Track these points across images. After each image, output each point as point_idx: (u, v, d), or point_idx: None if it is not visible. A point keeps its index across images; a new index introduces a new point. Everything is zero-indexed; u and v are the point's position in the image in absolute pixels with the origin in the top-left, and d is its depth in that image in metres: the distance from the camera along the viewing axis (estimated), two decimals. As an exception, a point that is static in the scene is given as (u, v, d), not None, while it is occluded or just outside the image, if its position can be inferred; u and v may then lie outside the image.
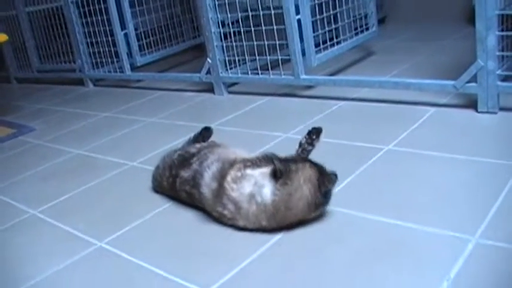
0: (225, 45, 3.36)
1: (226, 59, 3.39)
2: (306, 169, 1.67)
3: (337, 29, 3.35)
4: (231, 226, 1.75)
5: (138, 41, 4.16)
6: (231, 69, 3.40)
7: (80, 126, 3.39)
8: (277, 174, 1.65)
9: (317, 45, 3.05)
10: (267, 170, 1.69)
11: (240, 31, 3.28)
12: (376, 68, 3.41)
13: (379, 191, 1.85)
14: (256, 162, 1.73)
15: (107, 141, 2.95)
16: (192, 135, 2.29)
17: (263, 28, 3.11)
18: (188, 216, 1.90)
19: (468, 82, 2.37)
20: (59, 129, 3.39)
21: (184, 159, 1.95)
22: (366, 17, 3.60)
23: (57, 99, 4.35)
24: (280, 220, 1.66)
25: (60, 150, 2.94)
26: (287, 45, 3.01)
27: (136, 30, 4.14)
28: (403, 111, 2.56)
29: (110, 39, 4.19)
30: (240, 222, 1.71)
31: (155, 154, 2.48)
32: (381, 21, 4.49)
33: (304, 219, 1.68)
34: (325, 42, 3.15)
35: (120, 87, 4.33)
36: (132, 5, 4.10)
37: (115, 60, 4.27)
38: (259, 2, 3.17)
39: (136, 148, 2.73)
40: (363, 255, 1.49)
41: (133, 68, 4.27)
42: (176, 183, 1.93)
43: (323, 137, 1.89)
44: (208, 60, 3.42)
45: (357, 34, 3.48)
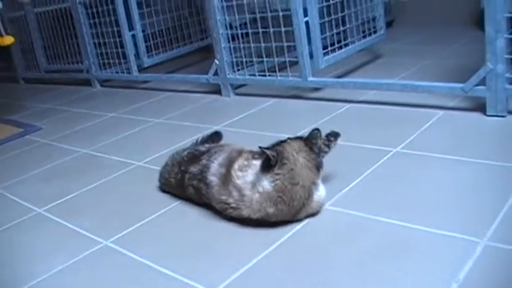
0: (232, 46, 3.36)
1: (234, 60, 3.38)
2: (291, 143, 1.74)
3: (345, 31, 3.35)
4: (237, 221, 1.75)
5: (145, 42, 4.16)
6: (238, 70, 3.40)
7: (86, 126, 3.39)
8: (271, 161, 1.68)
9: (325, 48, 3.05)
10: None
11: (248, 33, 3.28)
12: (384, 70, 3.40)
13: (387, 193, 1.84)
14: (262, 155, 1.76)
15: (114, 141, 2.95)
16: (200, 137, 2.29)
17: (271, 30, 3.10)
18: (194, 216, 1.90)
19: (477, 85, 2.36)
20: (65, 129, 3.39)
21: (194, 156, 1.97)
22: (374, 20, 3.59)
23: (64, 100, 4.36)
24: (290, 200, 1.66)
25: (67, 150, 2.94)
26: (295, 47, 3.01)
27: (143, 31, 4.14)
28: (411, 113, 2.55)
29: (118, 40, 4.20)
30: (244, 212, 1.71)
31: (162, 154, 2.47)
32: (388, 25, 4.48)
33: (312, 188, 1.68)
34: (333, 44, 3.15)
35: (127, 88, 4.33)
36: (139, 6, 4.10)
37: (122, 61, 4.27)
38: (268, 4, 3.17)
39: (142, 148, 2.72)
40: (370, 256, 1.48)
41: (140, 69, 4.28)
42: (185, 179, 1.93)
43: (340, 141, 1.90)
44: (216, 61, 3.41)
45: (364, 37, 3.47)
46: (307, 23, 2.94)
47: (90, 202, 2.20)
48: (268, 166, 1.70)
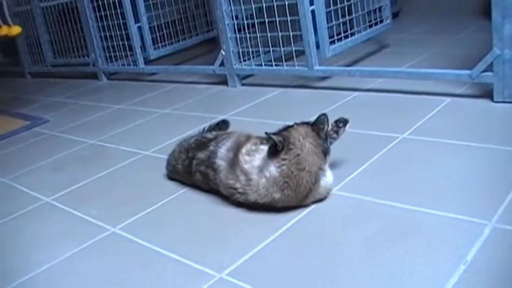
0: (238, 37, 3.35)
1: (240, 51, 3.38)
2: (297, 129, 1.74)
3: (351, 21, 3.34)
4: (244, 207, 1.75)
5: (151, 34, 4.16)
6: (244, 61, 3.40)
7: (93, 117, 3.40)
8: (278, 147, 1.68)
9: (331, 37, 3.04)
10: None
11: (254, 23, 3.27)
12: (391, 59, 3.39)
13: (395, 177, 1.83)
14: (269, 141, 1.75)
15: (121, 132, 2.96)
16: (207, 125, 2.29)
17: (277, 20, 3.10)
18: (202, 202, 1.90)
19: (484, 71, 2.35)
20: (72, 121, 3.40)
21: (201, 143, 1.97)
22: (380, 9, 3.58)
23: (71, 93, 4.37)
24: (296, 185, 1.65)
25: (74, 141, 2.95)
26: (301, 36, 3.00)
27: (149, 24, 4.14)
28: (418, 101, 2.54)
29: (124, 33, 4.20)
30: (251, 197, 1.70)
31: (169, 144, 2.48)
32: (395, 15, 4.46)
33: (319, 173, 1.69)
34: (339, 34, 3.14)
35: (134, 80, 4.33)
36: (145, -2, 4.11)
37: (129, 53, 4.28)
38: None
39: (149, 138, 2.73)
40: (378, 239, 1.48)
41: (146, 61, 4.28)
42: (192, 165, 1.94)
43: (348, 128, 1.89)
44: (222, 52, 3.41)
45: (371, 26, 3.46)
46: (313, 12, 2.93)
47: (98, 191, 2.21)
48: (274, 151, 1.69)
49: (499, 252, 1.34)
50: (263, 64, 3.29)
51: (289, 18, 3.04)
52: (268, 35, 3.19)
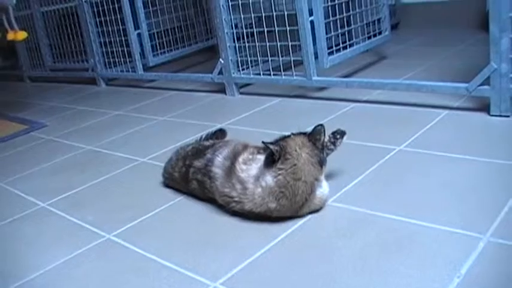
0: (237, 46, 3.36)
1: (239, 59, 3.39)
2: (294, 139, 1.74)
3: (350, 32, 3.35)
4: (239, 216, 1.76)
5: (151, 41, 4.17)
6: (243, 70, 3.41)
7: (91, 123, 3.41)
8: (275, 156, 1.68)
9: (330, 48, 3.05)
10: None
11: (253, 32, 3.29)
12: (389, 71, 3.40)
13: (390, 189, 1.84)
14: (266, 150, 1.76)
15: (118, 138, 2.96)
16: (204, 134, 2.29)
17: (276, 29, 3.11)
18: (197, 210, 1.91)
19: (481, 85, 2.36)
20: (70, 126, 3.40)
21: (198, 151, 1.97)
22: (379, 21, 3.60)
23: (70, 98, 4.37)
24: (292, 195, 1.66)
25: (71, 146, 2.95)
26: (299, 46, 3.01)
27: (149, 30, 4.15)
28: (415, 113, 2.55)
29: (123, 39, 4.21)
30: (247, 206, 1.71)
31: (166, 151, 2.48)
32: (394, 27, 4.48)
33: (315, 184, 1.69)
34: (338, 44, 3.15)
35: (132, 87, 4.34)
36: (145, 5, 4.12)
37: (128, 60, 4.29)
38: (273, 3, 3.18)
39: (147, 145, 2.73)
40: (373, 251, 1.49)
41: (145, 68, 4.29)
42: (189, 173, 1.94)
43: (346, 140, 1.90)
44: (221, 60, 3.42)
45: (369, 38, 3.48)
46: (312, 22, 2.95)
47: (94, 197, 2.21)
48: (271, 161, 1.70)
49: (493, 266, 1.34)
50: (261, 73, 3.30)
51: (288, 28, 3.05)
52: (267, 44, 3.20)
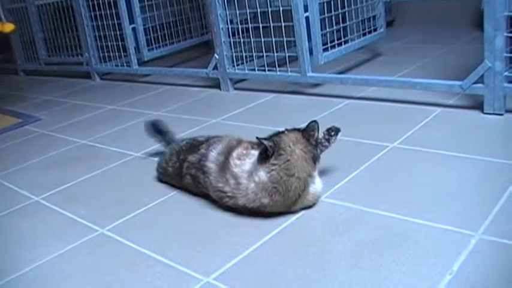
0: (232, 41, 3.36)
1: (234, 55, 3.39)
2: (288, 135, 1.74)
3: (345, 28, 3.35)
4: (233, 211, 1.76)
5: (146, 36, 4.16)
6: (238, 65, 3.40)
7: (85, 117, 3.40)
8: (269, 152, 1.68)
9: (325, 44, 3.05)
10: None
11: (248, 28, 3.28)
12: (383, 68, 3.41)
13: (383, 186, 1.84)
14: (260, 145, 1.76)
15: (112, 133, 2.96)
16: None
17: (271, 25, 3.11)
18: (191, 205, 1.91)
19: (475, 83, 2.37)
20: (64, 120, 3.40)
21: (193, 146, 1.98)
22: (375, 18, 3.60)
23: (64, 92, 4.36)
24: (285, 191, 1.66)
25: (65, 140, 2.95)
26: (294, 42, 3.01)
27: (144, 25, 4.14)
28: (409, 110, 2.56)
29: (118, 33, 4.20)
30: (240, 201, 1.71)
31: (160, 146, 2.47)
32: (389, 25, 4.49)
33: (308, 180, 1.69)
34: (333, 41, 3.15)
35: (127, 81, 4.33)
36: (140, 0, 4.10)
37: (122, 54, 4.27)
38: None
39: (141, 140, 2.71)
40: (365, 247, 1.49)
41: (140, 62, 4.28)
42: (183, 168, 1.94)
43: (340, 136, 1.90)
44: (216, 56, 3.42)
45: (364, 34, 3.48)
46: (307, 18, 2.94)
47: (87, 191, 2.21)
48: (265, 157, 1.70)
49: (484, 263, 1.35)
50: (256, 69, 3.30)
51: (283, 24, 3.05)
52: (262, 40, 3.20)
